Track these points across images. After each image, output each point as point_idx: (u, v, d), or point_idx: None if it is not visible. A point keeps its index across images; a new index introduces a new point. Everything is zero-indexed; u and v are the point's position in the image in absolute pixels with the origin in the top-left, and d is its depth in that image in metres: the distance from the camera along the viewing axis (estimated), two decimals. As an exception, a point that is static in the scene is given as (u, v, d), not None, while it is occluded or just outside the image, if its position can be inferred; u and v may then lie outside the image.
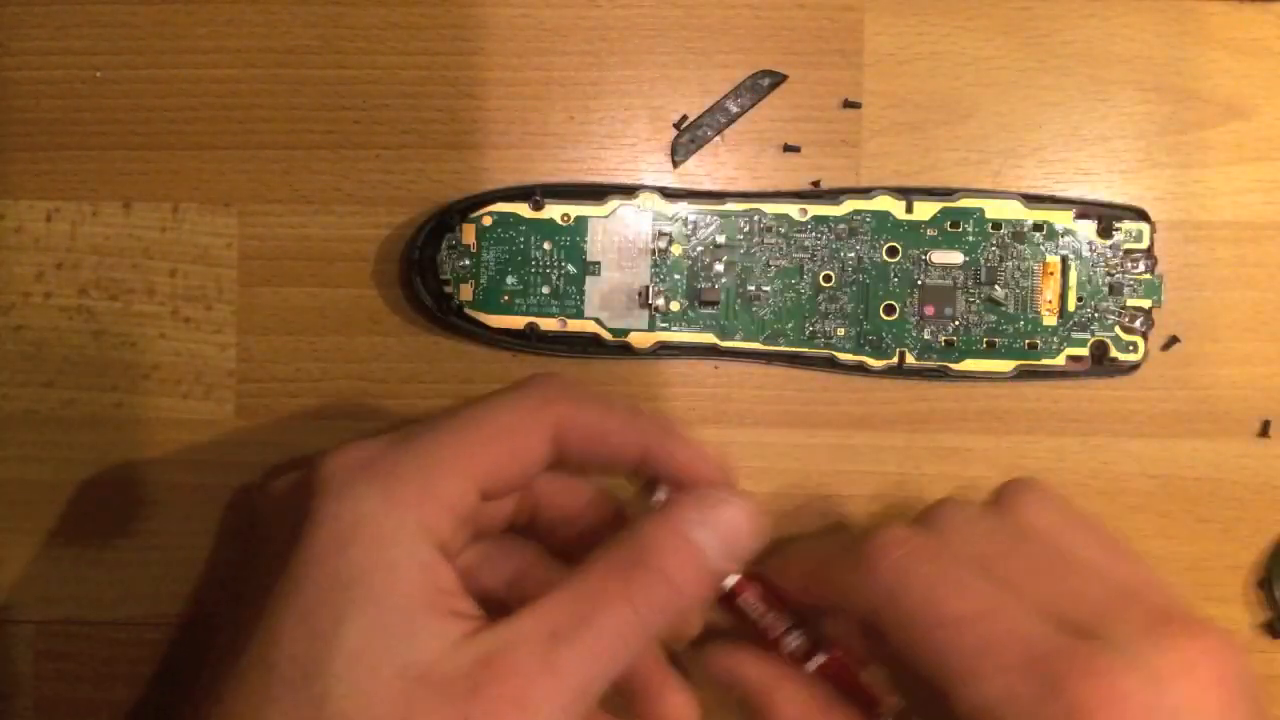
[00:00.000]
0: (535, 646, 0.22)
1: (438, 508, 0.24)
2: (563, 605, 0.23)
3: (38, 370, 0.35)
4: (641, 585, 0.24)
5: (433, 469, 0.24)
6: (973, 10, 0.35)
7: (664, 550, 0.24)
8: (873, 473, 0.35)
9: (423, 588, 0.23)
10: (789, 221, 0.34)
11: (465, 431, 0.25)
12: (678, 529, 0.25)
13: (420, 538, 0.24)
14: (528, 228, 0.34)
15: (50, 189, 0.35)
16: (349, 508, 0.23)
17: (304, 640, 0.22)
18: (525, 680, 0.22)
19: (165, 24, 0.35)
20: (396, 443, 0.25)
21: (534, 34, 0.35)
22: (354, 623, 0.22)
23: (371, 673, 0.22)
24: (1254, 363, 0.35)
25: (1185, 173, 0.35)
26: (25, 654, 0.36)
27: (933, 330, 0.34)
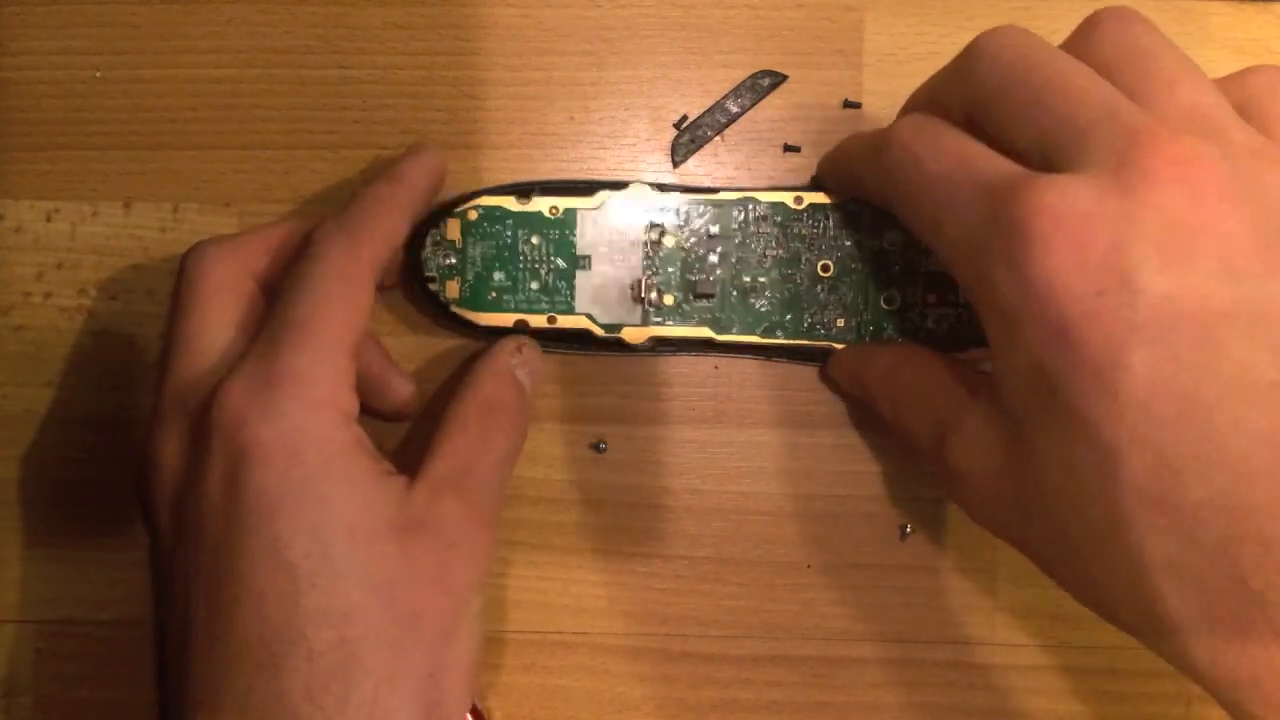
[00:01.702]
0: (461, 479, 0.29)
1: (344, 391, 0.28)
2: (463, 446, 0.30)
3: (38, 370, 0.35)
4: (505, 417, 0.31)
5: (323, 359, 0.27)
6: (973, 10, 0.35)
7: (506, 388, 0.32)
8: (873, 473, 0.35)
9: (367, 459, 0.28)
10: (785, 210, 0.34)
11: (322, 314, 0.28)
12: (507, 370, 0.32)
13: (344, 422, 0.27)
14: (515, 221, 0.34)
15: (50, 189, 0.35)
16: (281, 426, 0.26)
17: (306, 536, 0.26)
18: (469, 502, 0.29)
19: (165, 24, 0.35)
20: (273, 353, 0.27)
21: (534, 34, 0.35)
22: (338, 506, 0.26)
23: (371, 537, 0.27)
24: (1254, 363, 0.35)
25: (1185, 173, 0.35)
26: (25, 654, 0.36)
27: (936, 319, 0.34)
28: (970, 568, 0.35)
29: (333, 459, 0.27)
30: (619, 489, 0.35)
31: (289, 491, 0.26)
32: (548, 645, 0.35)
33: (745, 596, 0.35)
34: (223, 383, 0.27)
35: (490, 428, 0.30)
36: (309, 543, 0.26)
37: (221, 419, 0.26)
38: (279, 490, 0.26)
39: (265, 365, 0.27)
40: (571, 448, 0.35)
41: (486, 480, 0.30)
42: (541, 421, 0.35)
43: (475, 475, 0.29)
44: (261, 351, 0.27)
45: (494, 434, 0.30)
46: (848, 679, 0.35)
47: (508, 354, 0.32)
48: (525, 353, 0.33)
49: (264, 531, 0.26)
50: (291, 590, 0.25)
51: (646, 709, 0.35)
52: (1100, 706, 0.35)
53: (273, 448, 0.26)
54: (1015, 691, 0.35)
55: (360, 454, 0.27)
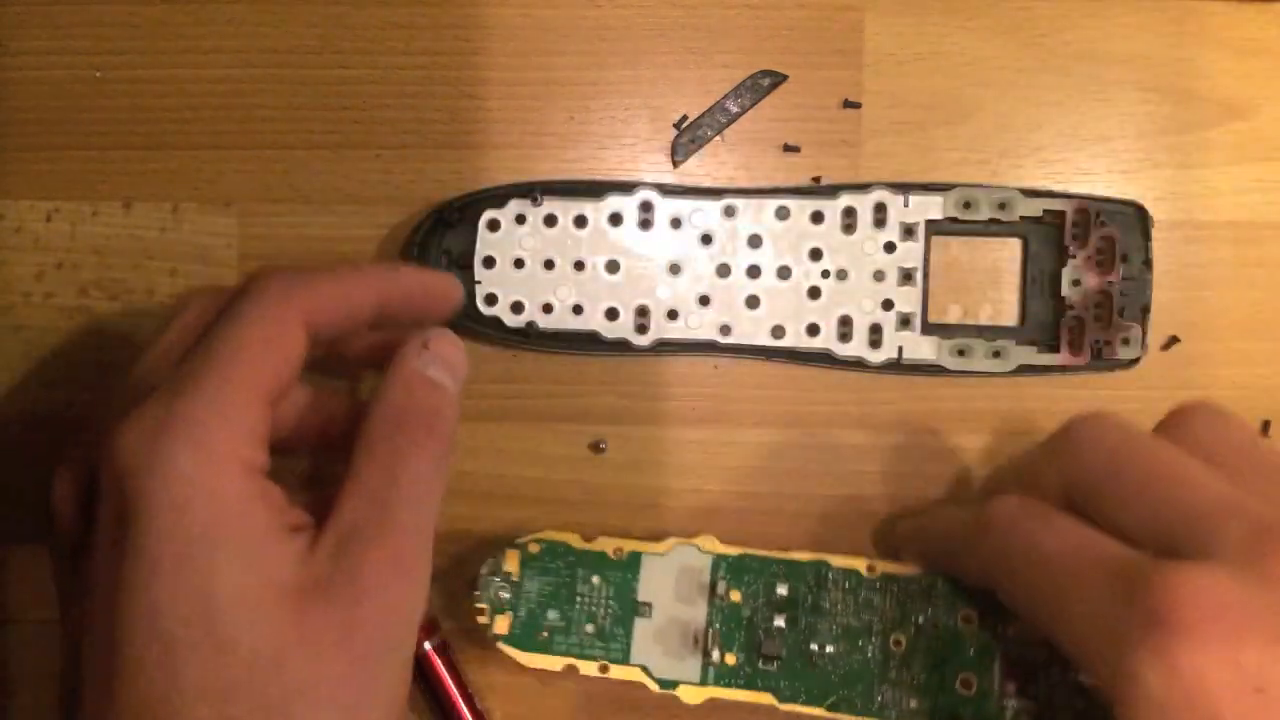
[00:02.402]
0: (375, 518, 0.25)
1: (244, 437, 0.25)
2: (374, 476, 0.26)
3: (38, 370, 0.35)
4: (422, 429, 0.27)
5: (227, 405, 0.25)
6: (973, 10, 0.35)
7: (417, 393, 0.27)
8: (873, 473, 0.35)
9: (264, 516, 0.25)
10: (857, 577, 0.31)
11: (238, 354, 0.26)
12: (419, 375, 0.28)
13: (243, 473, 0.25)
14: (576, 560, 0.32)
15: (50, 189, 0.35)
16: (170, 474, 0.24)
17: (187, 602, 0.23)
18: (383, 546, 0.25)
19: (165, 24, 0.35)
20: (177, 392, 0.25)
21: (534, 34, 0.35)
22: (224, 566, 0.24)
23: (259, 603, 0.24)
24: (1254, 363, 0.35)
25: (1185, 173, 0.35)
26: (25, 654, 0.36)
27: (1015, 711, 0.30)
28: (970, 568, 0.35)
29: (223, 516, 0.24)
30: (619, 489, 0.35)
31: (171, 552, 0.23)
32: (548, 645, 0.35)
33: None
34: (116, 424, 0.24)
35: (401, 447, 0.26)
36: (189, 610, 0.23)
37: (111, 465, 0.24)
38: (159, 550, 0.23)
39: (163, 408, 0.24)
40: (571, 448, 0.35)
41: (405, 514, 0.26)
42: (541, 421, 0.35)
43: (389, 511, 0.26)
44: (163, 392, 0.25)
45: (408, 454, 0.26)
46: (848, 679, 0.35)
47: (414, 354, 0.28)
48: (434, 346, 0.29)
49: (142, 597, 0.23)
50: (168, 662, 0.23)
51: (646, 709, 0.35)
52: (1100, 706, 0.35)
53: (157, 501, 0.24)
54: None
55: (258, 510, 0.25)
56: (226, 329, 0.26)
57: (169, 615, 0.23)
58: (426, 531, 0.26)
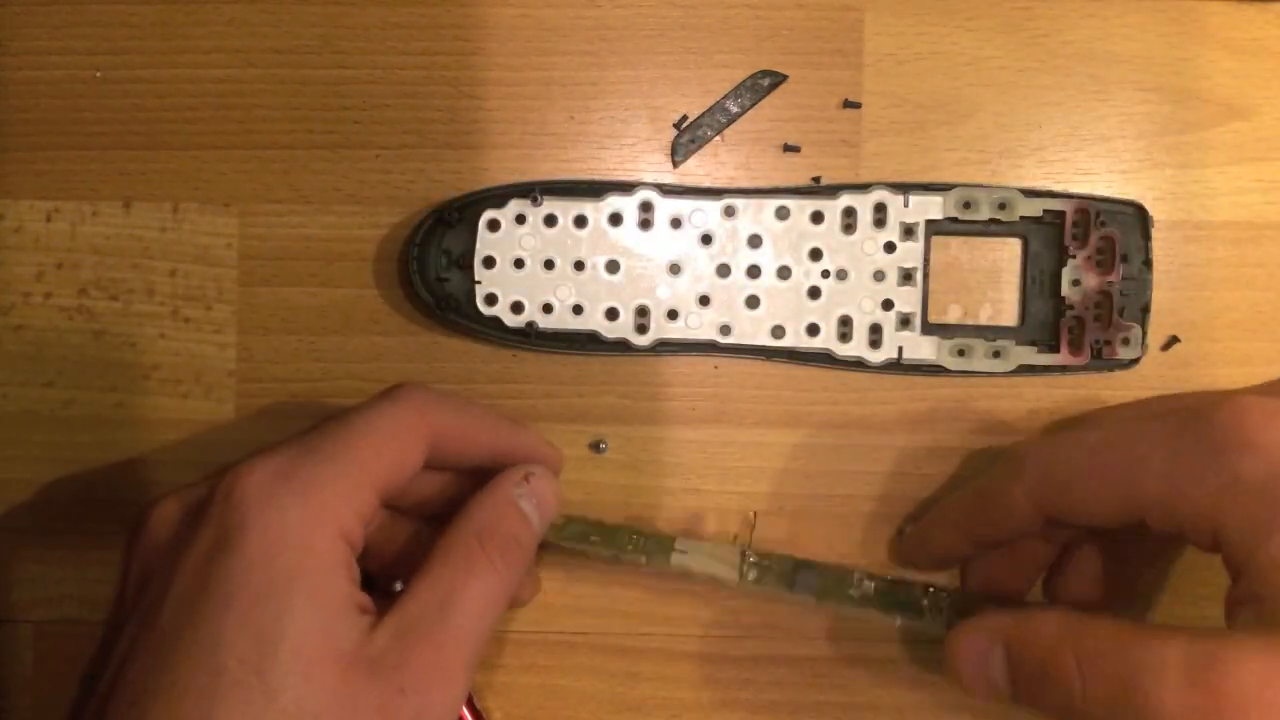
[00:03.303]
0: (435, 616, 0.27)
1: (351, 514, 0.27)
2: (445, 577, 0.27)
3: (38, 370, 0.35)
4: (499, 549, 0.28)
5: (344, 478, 0.27)
6: (973, 10, 0.35)
7: (505, 517, 0.29)
8: (873, 473, 0.35)
9: (346, 585, 0.26)
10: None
11: (363, 442, 0.28)
12: (510, 501, 0.30)
13: (339, 542, 0.26)
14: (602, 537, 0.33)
15: (50, 189, 0.35)
16: (275, 518, 0.26)
17: (250, 638, 0.24)
18: (436, 645, 0.26)
19: (165, 24, 0.35)
20: (304, 455, 0.27)
21: (534, 34, 0.35)
22: (293, 620, 0.25)
23: (314, 662, 0.25)
24: (1254, 363, 0.35)
25: (1185, 173, 0.35)
26: (25, 654, 0.36)
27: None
28: (970, 568, 0.35)
29: (309, 571, 0.25)
30: (619, 489, 0.35)
31: (251, 587, 0.25)
32: (548, 645, 0.35)
33: (745, 597, 0.35)
34: (244, 463, 0.27)
35: (478, 561, 0.28)
36: (249, 649, 0.24)
37: (228, 493, 0.26)
38: (242, 581, 0.25)
39: (288, 461, 0.27)
40: (571, 448, 0.35)
41: (463, 622, 0.27)
42: (541, 421, 0.35)
43: (450, 614, 0.27)
44: (295, 446, 0.27)
45: (482, 569, 0.28)
46: (847, 679, 0.35)
47: (512, 482, 0.30)
48: (534, 483, 0.30)
49: (210, 626, 0.25)
50: (212, 693, 0.24)
51: (646, 709, 0.35)
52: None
53: (255, 536, 0.25)
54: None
55: (339, 577, 0.26)
56: (362, 413, 0.29)
57: (228, 649, 0.24)
58: (476, 645, 0.27)
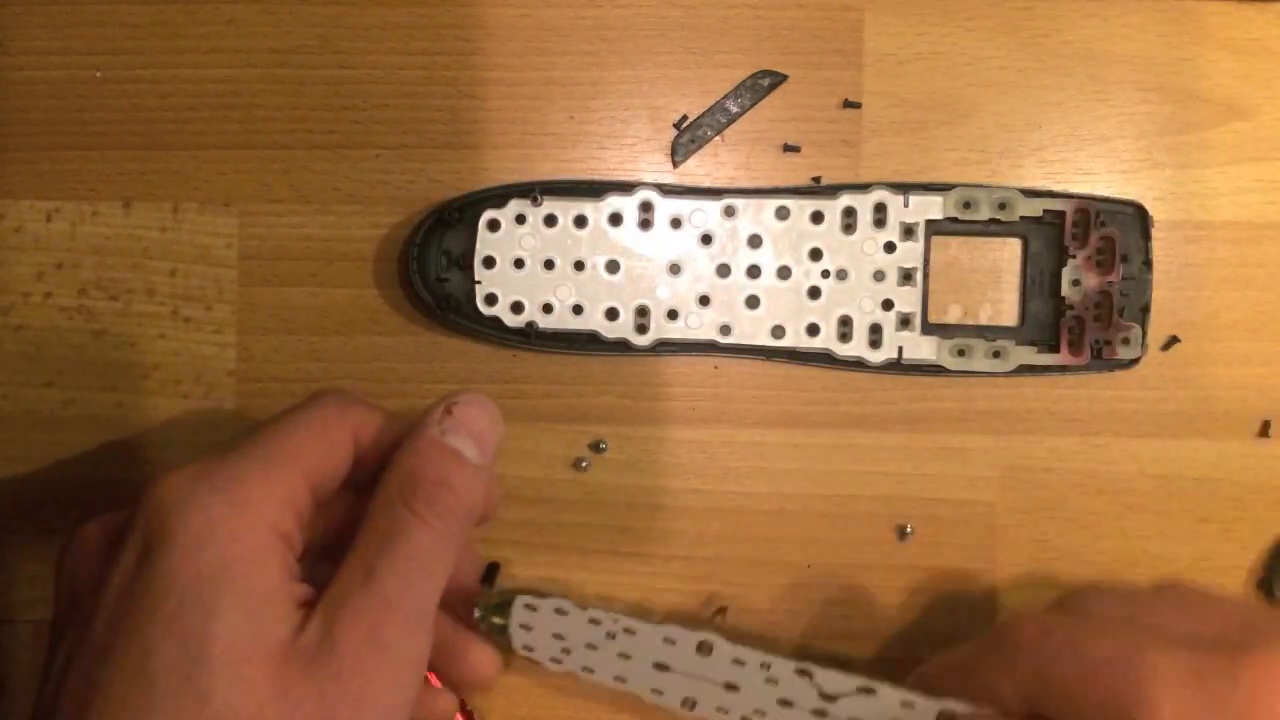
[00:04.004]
0: (359, 589, 0.25)
1: (278, 504, 0.25)
2: (370, 545, 0.26)
3: (38, 370, 0.35)
4: (424, 501, 0.26)
5: (268, 470, 0.26)
6: (973, 10, 0.35)
7: (428, 464, 0.27)
8: (873, 473, 0.35)
9: (276, 577, 0.25)
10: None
11: (287, 435, 0.27)
12: (433, 441, 0.27)
13: (268, 533, 0.25)
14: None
15: (50, 189, 0.35)
16: (197, 517, 0.24)
17: (177, 645, 0.23)
18: (364, 619, 0.24)
19: (165, 24, 0.35)
20: (223, 456, 0.26)
21: (534, 34, 0.35)
22: (222, 617, 0.24)
23: (244, 661, 0.24)
24: (1254, 363, 0.35)
25: (1185, 173, 0.35)
26: (25, 654, 0.36)
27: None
28: (970, 568, 0.35)
29: (235, 564, 0.24)
30: (619, 489, 0.35)
31: (175, 590, 0.24)
32: (548, 645, 0.35)
33: (745, 596, 0.35)
34: (161, 473, 0.26)
35: (400, 517, 0.26)
36: (177, 655, 0.23)
37: (148, 503, 0.25)
38: (167, 587, 0.24)
39: (208, 463, 0.26)
40: (571, 448, 0.35)
41: (391, 588, 0.25)
42: (541, 421, 0.35)
43: (374, 583, 0.25)
44: (212, 453, 0.26)
45: (406, 525, 0.26)
46: (848, 679, 0.35)
47: (433, 420, 0.27)
48: (460, 411, 0.28)
49: (139, 634, 0.24)
50: (143, 703, 0.23)
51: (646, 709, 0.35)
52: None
53: (178, 538, 0.24)
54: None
55: (270, 570, 0.25)
56: (282, 418, 0.27)
57: (157, 657, 0.23)
58: (417, 610, 0.25)
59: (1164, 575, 0.35)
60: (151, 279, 0.35)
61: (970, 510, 0.35)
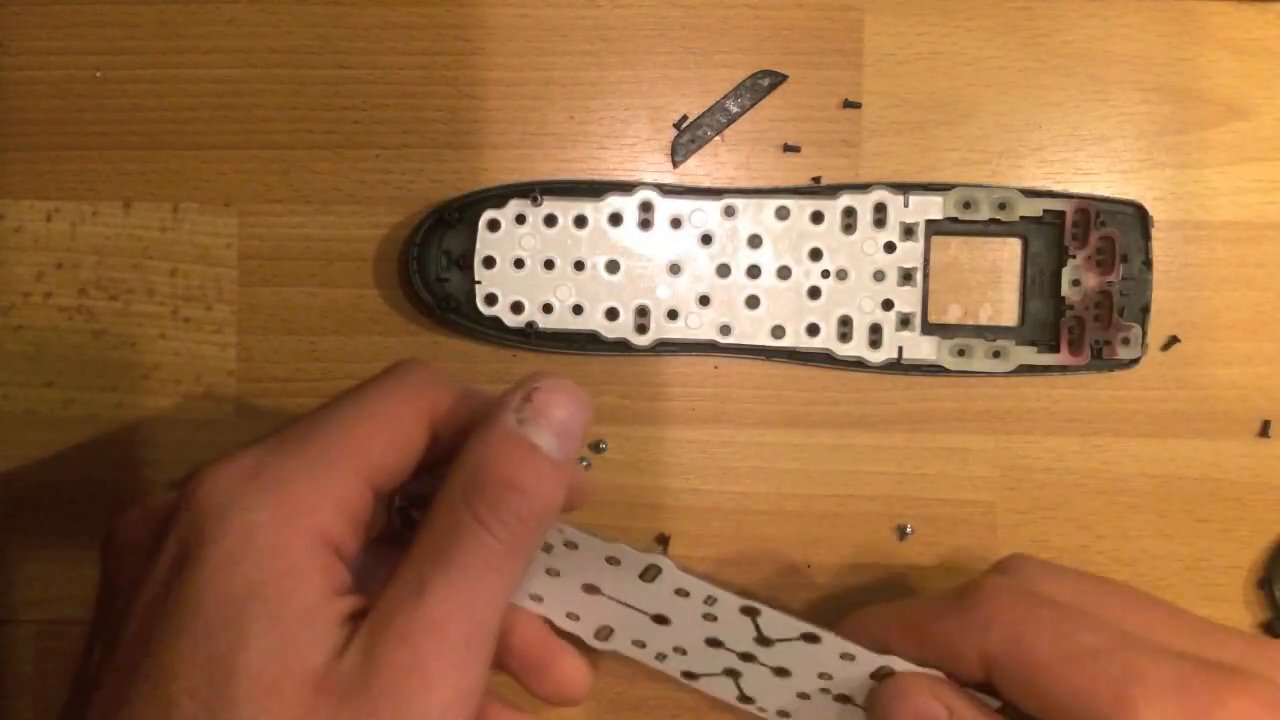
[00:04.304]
0: (408, 608, 0.22)
1: (331, 509, 0.23)
2: (425, 554, 0.22)
3: (38, 370, 0.35)
4: (488, 505, 0.22)
5: (322, 470, 0.23)
6: (973, 10, 0.35)
7: (497, 461, 0.23)
8: (873, 473, 0.35)
9: (318, 593, 0.22)
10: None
11: (349, 427, 0.24)
12: (505, 433, 0.23)
13: (314, 543, 0.23)
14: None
15: (50, 189, 0.35)
16: (239, 520, 0.22)
17: (202, 669, 0.21)
18: (408, 644, 0.21)
19: (165, 24, 0.35)
20: (277, 448, 0.23)
21: (534, 34, 0.35)
22: (252, 641, 0.21)
23: (272, 692, 0.21)
24: (1254, 363, 0.35)
25: (1185, 173, 0.35)
26: (25, 654, 0.36)
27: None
28: (970, 568, 0.35)
29: (273, 579, 0.22)
30: (619, 489, 0.35)
31: (205, 608, 0.22)
32: (548, 645, 0.35)
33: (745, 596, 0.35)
34: (215, 461, 0.23)
35: (462, 524, 0.22)
36: (201, 681, 0.21)
37: (189, 500, 0.23)
38: (197, 603, 0.22)
39: (260, 456, 0.23)
40: (571, 448, 0.35)
41: (441, 609, 0.22)
42: (541, 421, 0.35)
43: (424, 603, 0.22)
44: (271, 442, 0.24)
45: (466, 535, 0.22)
46: (848, 679, 0.35)
47: (509, 409, 0.23)
48: (540, 397, 0.24)
49: (163, 654, 0.22)
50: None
51: (646, 709, 0.35)
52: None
53: (214, 549, 0.22)
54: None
55: (313, 584, 0.22)
56: (349, 400, 0.24)
57: (179, 681, 0.21)
58: (472, 634, 0.22)
59: (1164, 575, 0.35)
60: (151, 279, 0.35)
61: (970, 510, 0.35)
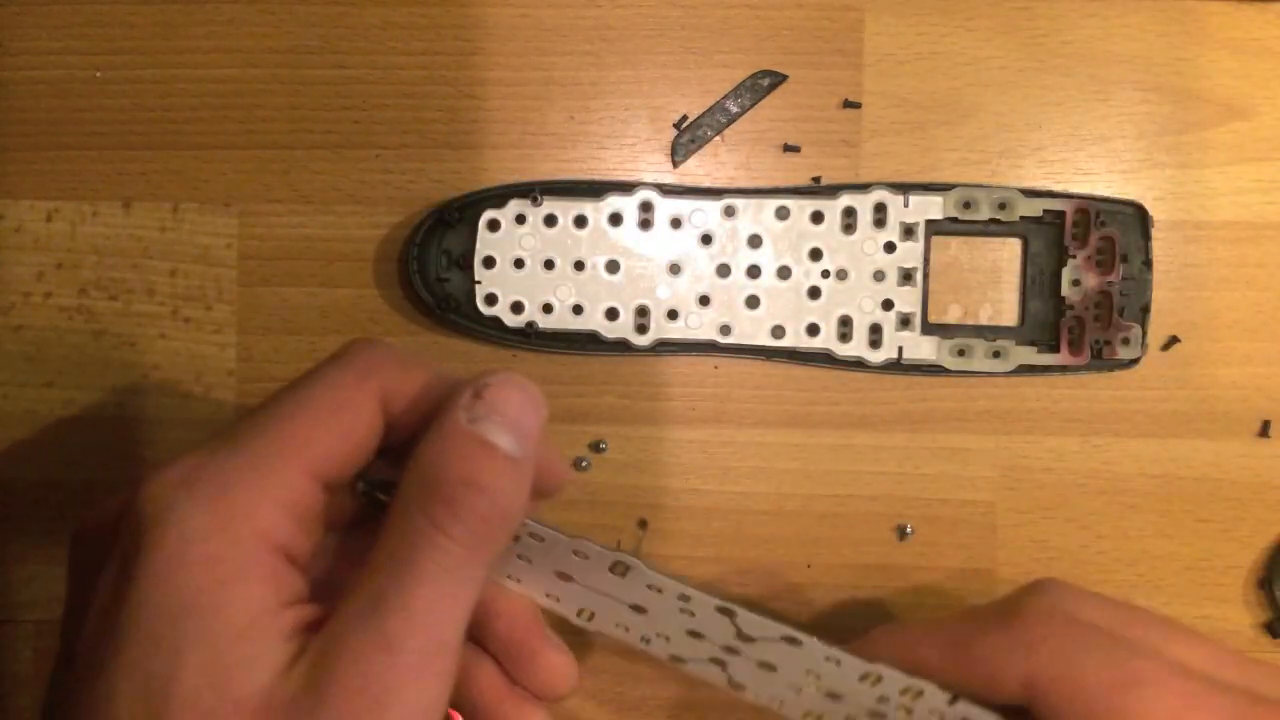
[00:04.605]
0: (361, 624, 0.20)
1: (273, 512, 0.21)
2: (380, 564, 0.21)
3: (38, 370, 0.35)
4: (444, 507, 0.21)
5: (262, 470, 0.21)
6: (973, 10, 0.35)
7: (450, 461, 0.21)
8: (873, 473, 0.35)
9: (260, 606, 0.21)
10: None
11: (290, 420, 0.22)
12: (457, 432, 0.22)
13: (256, 549, 0.21)
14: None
15: (50, 189, 0.35)
16: (174, 533, 0.20)
17: (140, 691, 0.20)
18: (360, 664, 0.20)
19: (165, 24, 0.35)
20: (218, 449, 0.22)
21: (534, 34, 0.35)
22: (187, 661, 0.20)
23: (208, 715, 0.20)
24: (1254, 363, 0.35)
25: (1185, 173, 0.35)
26: (25, 654, 0.36)
27: None
28: (970, 568, 0.35)
29: (210, 591, 0.20)
30: (619, 489, 0.35)
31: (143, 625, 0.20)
32: (548, 645, 0.35)
33: (745, 596, 0.35)
34: (155, 466, 0.22)
35: (418, 531, 0.21)
36: (138, 703, 0.20)
37: (132, 509, 0.21)
38: (135, 620, 0.20)
39: (199, 461, 0.22)
40: (571, 448, 0.35)
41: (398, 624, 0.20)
42: (541, 421, 0.35)
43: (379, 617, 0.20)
44: (212, 443, 0.22)
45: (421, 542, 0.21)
46: (848, 679, 0.35)
47: (460, 407, 0.22)
48: (491, 394, 0.22)
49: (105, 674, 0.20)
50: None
51: (646, 709, 0.35)
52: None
53: (149, 561, 0.20)
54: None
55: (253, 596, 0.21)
56: (295, 390, 0.23)
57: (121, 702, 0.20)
58: (430, 649, 0.21)
59: (1164, 575, 0.35)
60: (151, 279, 0.35)
61: (970, 510, 0.35)
